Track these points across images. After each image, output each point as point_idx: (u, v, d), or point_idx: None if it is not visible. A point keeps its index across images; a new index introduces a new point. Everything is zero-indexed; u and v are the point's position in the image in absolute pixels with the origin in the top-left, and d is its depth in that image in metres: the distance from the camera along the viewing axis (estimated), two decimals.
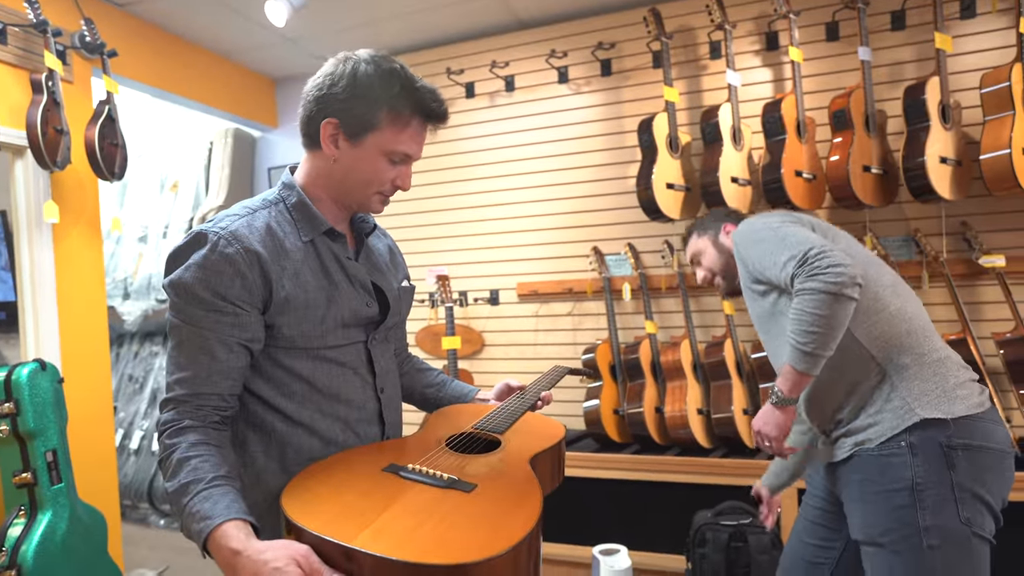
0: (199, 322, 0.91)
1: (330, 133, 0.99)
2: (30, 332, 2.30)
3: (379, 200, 1.04)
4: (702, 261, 1.69)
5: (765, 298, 1.43)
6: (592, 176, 2.95)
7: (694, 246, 1.72)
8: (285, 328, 0.97)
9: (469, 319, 3.20)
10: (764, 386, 2.50)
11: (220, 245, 0.92)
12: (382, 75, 0.97)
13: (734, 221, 1.67)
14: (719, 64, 2.72)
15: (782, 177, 2.36)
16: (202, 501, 0.82)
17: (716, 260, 1.64)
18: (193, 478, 0.85)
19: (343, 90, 0.97)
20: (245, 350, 0.94)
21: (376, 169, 1.00)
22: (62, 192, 2.38)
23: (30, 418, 1.96)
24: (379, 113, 0.96)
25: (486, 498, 0.85)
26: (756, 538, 2.06)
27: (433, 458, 0.95)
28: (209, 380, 0.91)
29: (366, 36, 3.03)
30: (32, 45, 2.26)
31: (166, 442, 0.89)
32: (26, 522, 1.96)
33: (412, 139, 1.00)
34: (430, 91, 1.00)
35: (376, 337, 1.10)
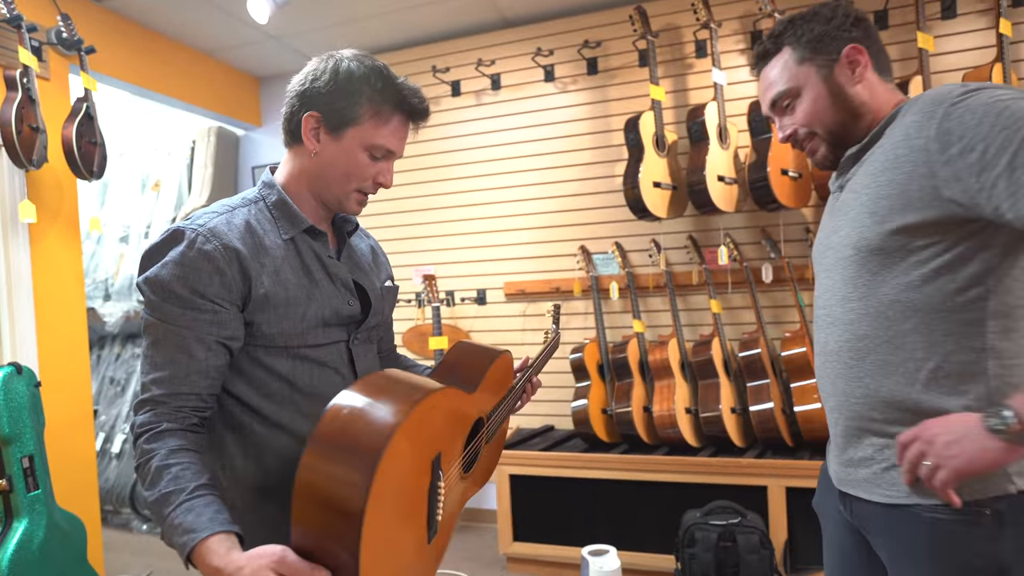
0: (176, 320, 0.89)
1: (312, 127, 0.98)
2: (6, 335, 2.25)
3: (357, 200, 1.03)
4: (796, 107, 1.03)
5: (936, 271, 0.88)
6: (579, 175, 2.94)
7: (784, 75, 1.03)
8: (264, 326, 0.95)
9: (456, 319, 3.18)
10: (751, 384, 2.50)
11: (198, 242, 0.90)
12: (364, 71, 0.97)
13: (863, 38, 1.01)
14: (705, 63, 2.73)
15: (768, 176, 2.36)
16: (185, 513, 0.81)
17: (828, 108, 1.00)
18: (174, 488, 0.83)
19: (325, 84, 0.97)
20: (224, 348, 0.92)
21: (356, 163, 0.99)
22: (39, 191, 2.32)
23: (5, 423, 1.91)
24: (360, 107, 0.96)
25: (432, 556, 0.91)
26: (745, 538, 2.06)
27: (451, 474, 0.97)
28: (187, 380, 0.88)
29: (350, 33, 3.00)
30: (6, 41, 2.21)
31: (144, 447, 0.87)
32: (1, 530, 1.91)
33: (393, 135, 1.00)
34: (412, 88, 1.01)
35: (358, 337, 1.08)
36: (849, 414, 0.98)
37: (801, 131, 1.05)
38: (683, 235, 2.77)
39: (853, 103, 1.01)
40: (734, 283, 2.71)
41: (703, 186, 2.43)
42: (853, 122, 1.01)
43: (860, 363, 0.95)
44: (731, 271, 2.69)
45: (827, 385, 1.03)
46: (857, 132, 1.01)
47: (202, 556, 0.78)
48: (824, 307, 1.02)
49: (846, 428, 0.99)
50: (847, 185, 1.01)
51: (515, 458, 2.61)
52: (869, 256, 0.93)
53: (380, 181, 1.02)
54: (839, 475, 1.03)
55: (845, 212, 0.98)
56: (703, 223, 2.77)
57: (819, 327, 1.04)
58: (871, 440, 0.96)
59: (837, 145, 1.03)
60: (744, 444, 2.49)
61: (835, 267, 1.00)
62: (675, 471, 2.41)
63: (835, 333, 0.99)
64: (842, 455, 1.01)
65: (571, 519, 2.56)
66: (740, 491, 2.32)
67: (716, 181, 2.45)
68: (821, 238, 1.07)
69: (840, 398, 0.99)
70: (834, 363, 0.99)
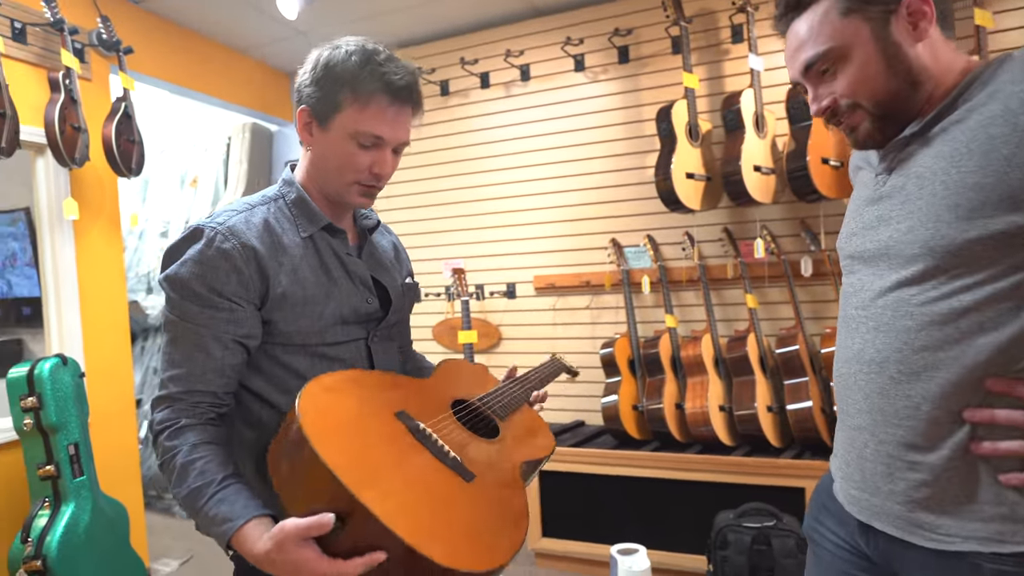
0: (194, 318, 0.90)
1: (304, 121, 0.98)
2: (53, 327, 2.35)
3: (359, 192, 0.99)
4: (839, 72, 0.84)
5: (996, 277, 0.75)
6: (610, 166, 2.88)
7: (825, 31, 0.83)
8: (282, 324, 0.95)
9: (486, 313, 3.17)
10: (789, 382, 2.42)
11: (217, 240, 0.90)
12: (344, 56, 0.95)
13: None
14: (741, 48, 2.63)
15: (808, 164, 2.26)
16: (217, 504, 0.82)
17: (881, 75, 0.82)
18: (203, 482, 0.84)
19: (310, 77, 0.96)
20: (241, 347, 0.92)
21: (345, 153, 0.96)
22: (82, 189, 2.41)
23: (52, 412, 2.00)
24: (341, 93, 0.94)
25: (484, 497, 0.85)
26: (780, 541, 1.99)
27: (441, 425, 0.94)
28: (203, 378, 0.89)
29: (378, 27, 3.00)
30: (51, 44, 2.29)
31: (165, 444, 0.88)
32: (50, 514, 2.00)
33: (376, 118, 0.94)
34: (394, 66, 0.95)
35: (378, 335, 1.07)
36: (885, 437, 0.83)
37: (843, 103, 0.85)
38: (718, 227, 2.69)
39: (912, 68, 0.81)
40: (771, 277, 2.61)
41: (738, 176, 2.34)
42: (910, 92, 0.82)
43: (912, 380, 0.80)
44: (768, 264, 2.60)
45: (857, 399, 0.87)
46: (912, 105, 0.83)
47: (241, 542, 0.80)
48: (862, 307, 0.87)
49: (878, 452, 0.84)
50: (903, 168, 0.83)
51: None
52: (946, 257, 0.76)
53: (377, 171, 0.98)
54: (862, 503, 0.88)
55: (903, 201, 0.82)
56: (739, 215, 2.68)
57: (850, 330, 0.89)
58: (914, 473, 0.80)
59: (885, 120, 0.84)
60: (781, 444, 2.41)
61: (886, 263, 0.84)
62: (708, 470, 2.35)
63: (880, 341, 0.83)
64: (868, 482, 0.86)
65: (601, 516, 2.53)
66: (776, 492, 2.25)
67: (752, 171, 2.36)
68: (856, 227, 0.91)
69: (875, 416, 0.84)
70: (873, 375, 0.84)
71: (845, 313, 0.92)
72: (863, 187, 0.92)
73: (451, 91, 3.16)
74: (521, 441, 1.04)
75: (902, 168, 0.84)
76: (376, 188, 1.00)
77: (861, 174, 0.95)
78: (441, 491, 0.80)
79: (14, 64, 2.18)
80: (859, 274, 0.89)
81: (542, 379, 1.28)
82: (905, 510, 0.81)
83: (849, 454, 0.90)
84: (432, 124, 3.21)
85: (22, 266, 2.81)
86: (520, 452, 1.01)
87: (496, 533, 0.78)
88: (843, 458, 0.92)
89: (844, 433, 0.91)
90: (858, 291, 0.89)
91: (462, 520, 0.78)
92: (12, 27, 2.19)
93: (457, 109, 3.15)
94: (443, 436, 0.91)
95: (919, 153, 0.82)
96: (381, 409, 0.88)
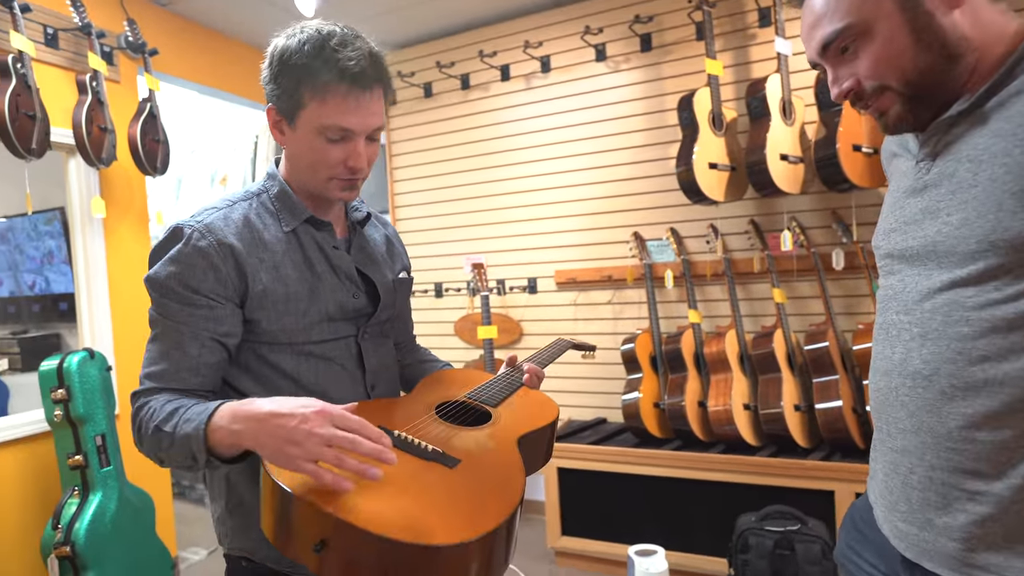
0: (174, 316, 0.90)
1: (274, 120, 0.96)
2: (85, 322, 2.43)
3: (338, 186, 0.96)
4: (861, 50, 0.75)
5: None
6: (632, 158, 2.81)
7: (843, 5, 0.75)
8: (265, 323, 0.94)
9: (507, 308, 3.14)
10: (818, 380, 2.31)
11: (194, 238, 0.90)
12: (298, 47, 0.90)
13: None
14: (769, 32, 2.52)
15: (838, 152, 2.15)
16: (187, 415, 0.82)
17: (910, 50, 0.73)
18: (172, 408, 0.84)
19: (268, 73, 0.93)
20: (219, 345, 0.92)
21: (314, 149, 0.93)
22: (111, 188, 2.48)
23: (80, 404, 2.06)
24: (301, 88, 0.90)
25: (468, 476, 0.82)
26: (805, 547, 1.91)
27: (420, 426, 0.92)
28: (177, 375, 0.89)
29: (395, 22, 3.00)
30: (81, 48, 2.36)
31: (139, 416, 0.87)
32: (79, 502, 2.07)
33: (337, 109, 0.89)
34: (349, 50, 0.89)
35: (368, 332, 1.05)
36: (936, 462, 0.72)
37: (868, 85, 0.75)
38: (744, 219, 2.59)
39: (948, 39, 0.71)
40: (800, 270, 2.51)
41: (763, 166, 2.25)
42: (946, 67, 0.72)
43: (969, 396, 0.69)
44: (797, 257, 2.49)
45: (899, 417, 0.76)
46: (950, 81, 0.73)
47: (215, 422, 0.79)
48: (905, 312, 0.76)
49: (927, 480, 0.74)
50: (951, 152, 0.73)
51: (564, 451, 2.55)
52: (1011, 254, 0.66)
53: (351, 165, 0.93)
54: (910, 539, 0.77)
55: (953, 190, 0.72)
56: (766, 206, 2.58)
57: (890, 338, 0.78)
58: (975, 505, 0.70)
59: (918, 101, 0.74)
60: (809, 445, 2.31)
61: (935, 262, 0.73)
62: (731, 471, 2.27)
63: (928, 350, 0.73)
64: (917, 513, 0.75)
65: (620, 516, 2.48)
66: (803, 495, 2.16)
67: (778, 160, 2.26)
68: (895, 222, 0.81)
69: (923, 437, 0.73)
70: (920, 390, 0.74)
71: (884, 319, 0.81)
72: (901, 177, 0.82)
73: (471, 84, 3.13)
74: (517, 419, 1.02)
75: (949, 152, 0.73)
76: (356, 180, 0.97)
77: (897, 162, 0.85)
78: (420, 482, 0.78)
79: (46, 68, 2.26)
80: (901, 275, 0.79)
81: (542, 361, 1.25)
82: (962, 548, 0.71)
83: (891, 480, 0.79)
84: (452, 119, 3.19)
85: (58, 263, 2.92)
86: (516, 428, 0.98)
87: (479, 507, 0.76)
88: (884, 484, 0.81)
89: (885, 456, 0.80)
90: (899, 293, 0.78)
91: (443, 504, 0.76)
92: (45, 33, 2.26)
93: (477, 103, 3.13)
94: (421, 435, 0.89)
95: (971, 133, 0.71)
96: None
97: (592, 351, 1.49)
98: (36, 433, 2.20)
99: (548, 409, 1.08)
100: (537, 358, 1.24)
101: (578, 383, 2.97)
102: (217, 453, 0.80)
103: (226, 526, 0.97)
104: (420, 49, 3.24)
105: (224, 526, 0.98)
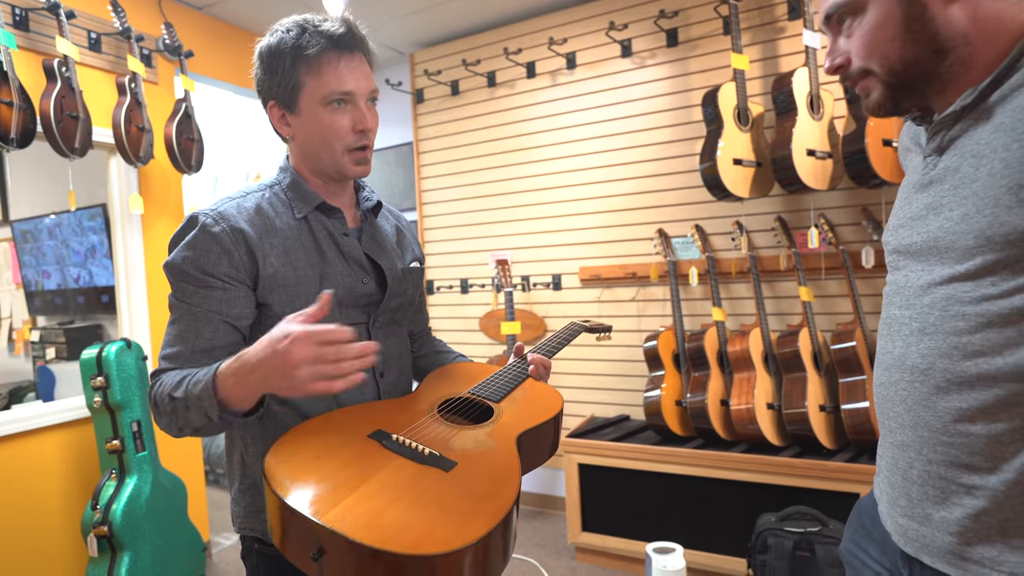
0: (190, 298, 0.94)
1: (277, 116, 1.00)
2: (124, 313, 2.54)
3: (352, 159, 1.00)
4: (855, 28, 0.76)
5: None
6: (658, 154, 2.79)
7: None
8: (276, 306, 0.98)
9: (532, 304, 3.16)
10: (844, 380, 2.26)
11: (208, 225, 0.95)
12: (284, 34, 0.96)
13: None
14: (798, 25, 2.47)
15: (866, 147, 2.10)
16: (195, 378, 0.86)
17: (897, 38, 0.73)
18: (180, 377, 0.89)
19: (261, 69, 0.98)
20: (232, 328, 0.96)
21: (324, 123, 0.97)
22: (148, 185, 2.59)
23: (117, 391, 2.16)
24: (296, 71, 0.96)
25: (462, 480, 0.83)
26: (825, 549, 1.87)
27: (420, 427, 0.94)
28: (192, 357, 0.93)
29: (422, 21, 3.04)
30: (122, 51, 2.46)
31: (154, 393, 0.92)
32: (116, 484, 2.17)
33: (332, 75, 0.95)
34: (330, 23, 0.96)
35: (379, 320, 1.08)
36: (934, 456, 0.73)
37: (856, 64, 0.76)
38: (770, 216, 2.55)
39: (939, 34, 0.71)
40: (828, 268, 2.45)
41: (789, 161, 2.21)
42: (933, 61, 0.72)
43: (963, 390, 0.70)
44: (825, 255, 2.44)
45: (898, 411, 0.77)
46: (935, 76, 0.73)
47: (224, 372, 0.83)
48: (906, 307, 0.77)
49: (925, 474, 0.74)
50: (956, 147, 0.73)
51: (584, 447, 2.56)
52: (1008, 249, 0.66)
53: (361, 128, 0.98)
54: (909, 533, 0.77)
55: (956, 185, 0.72)
56: (793, 203, 2.53)
57: (892, 332, 0.79)
58: (971, 499, 0.70)
59: (898, 91, 0.75)
60: (834, 446, 2.26)
61: (936, 258, 0.73)
62: (753, 470, 2.24)
63: (924, 344, 0.73)
64: (916, 508, 0.76)
65: (640, 513, 2.47)
66: (827, 497, 2.12)
67: (804, 155, 2.22)
68: (903, 218, 0.80)
69: (920, 432, 0.74)
70: (916, 384, 0.74)
71: (887, 314, 0.81)
72: (912, 171, 0.82)
73: (497, 82, 3.15)
74: (519, 414, 1.02)
75: (955, 147, 0.73)
76: (367, 151, 1.01)
77: (910, 157, 0.85)
78: (415, 488, 0.79)
79: (89, 71, 2.37)
80: (905, 270, 0.79)
81: (551, 349, 1.25)
82: (958, 542, 0.71)
83: (893, 475, 0.79)
84: (478, 116, 3.22)
85: (101, 257, 3.06)
86: (518, 424, 0.99)
87: (472, 512, 0.76)
88: (887, 479, 0.81)
89: (886, 450, 0.81)
90: (902, 289, 0.78)
91: (435, 511, 0.76)
92: (88, 37, 2.37)
93: (503, 100, 3.15)
94: (419, 437, 0.90)
95: (975, 128, 0.71)
96: (352, 437, 0.89)
97: (608, 332, 1.46)
98: (79, 418, 2.32)
99: (550, 403, 1.08)
100: (545, 347, 1.24)
101: (601, 380, 2.96)
102: (231, 408, 0.85)
103: (240, 506, 1.02)
104: (446, 48, 3.28)
105: (238, 506, 1.02)
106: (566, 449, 2.59)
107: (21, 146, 1.99)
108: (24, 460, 2.19)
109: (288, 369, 0.77)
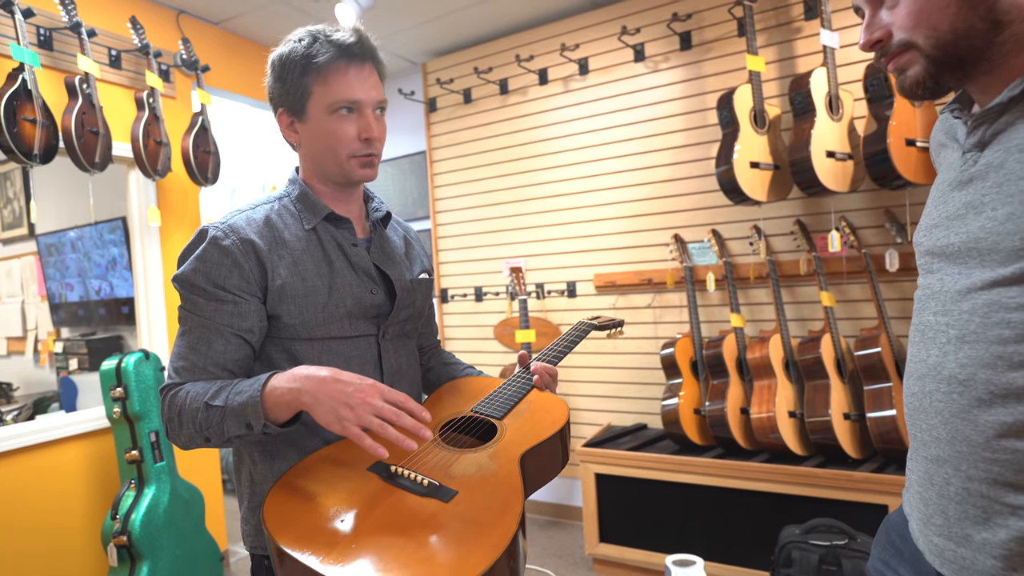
0: (201, 311, 0.94)
1: (286, 123, 1.02)
2: (143, 324, 2.57)
3: (358, 164, 1.00)
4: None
5: None
6: (673, 159, 2.76)
7: None
8: (286, 317, 0.97)
9: (547, 311, 3.13)
10: (870, 387, 2.20)
11: (218, 238, 0.95)
12: (296, 44, 0.98)
13: None
14: (814, 25, 2.43)
15: (888, 148, 2.05)
16: (238, 388, 0.87)
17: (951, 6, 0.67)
18: (220, 385, 0.89)
19: (273, 77, 1.00)
20: (242, 341, 0.95)
21: (329, 131, 0.98)
22: (166, 198, 2.62)
23: (135, 402, 2.18)
24: (305, 79, 0.97)
25: (464, 510, 0.81)
26: (853, 563, 1.81)
27: (420, 455, 0.92)
28: (205, 369, 0.93)
29: (434, 31, 3.05)
30: (141, 67, 2.51)
31: (175, 402, 0.91)
32: (135, 494, 2.19)
33: (341, 83, 0.96)
34: (341, 33, 0.98)
35: (388, 332, 1.07)
36: (974, 473, 0.67)
37: (897, 37, 0.70)
38: (789, 220, 2.50)
39: (999, 4, 0.64)
40: (850, 273, 2.39)
41: (808, 163, 2.16)
42: (988, 34, 0.65)
43: (1008, 403, 0.64)
44: (847, 259, 2.38)
45: (933, 424, 0.72)
46: (987, 52, 0.66)
47: (273, 385, 0.85)
48: (942, 312, 0.72)
49: (964, 492, 0.69)
50: (1001, 141, 0.67)
51: (601, 457, 2.52)
52: None
53: (366, 136, 0.99)
54: (946, 555, 0.72)
55: (1001, 182, 0.66)
56: (813, 206, 2.48)
57: (926, 340, 0.74)
58: (1018, 520, 0.65)
59: (943, 67, 0.68)
60: (860, 455, 2.19)
61: (976, 260, 0.69)
62: (774, 480, 2.18)
63: (964, 353, 0.68)
64: (954, 528, 0.71)
65: (659, 524, 2.42)
66: (852, 508, 2.05)
67: (824, 157, 2.17)
68: (937, 217, 0.75)
69: (959, 447, 0.69)
70: (954, 395, 0.69)
71: (920, 320, 0.76)
72: (948, 169, 0.77)
73: (510, 89, 3.15)
74: (522, 431, 1.00)
75: (998, 141, 0.67)
76: (373, 157, 1.01)
77: (945, 153, 0.80)
78: (413, 525, 0.78)
79: (109, 87, 2.41)
80: (940, 273, 0.74)
81: (557, 355, 1.21)
82: (1003, 567, 0.65)
83: (927, 491, 0.74)
84: (491, 123, 3.22)
85: (121, 269, 3.11)
86: (521, 443, 0.97)
87: (473, 546, 0.75)
88: (919, 496, 0.76)
89: (919, 464, 0.75)
90: (937, 293, 0.73)
91: (433, 549, 0.75)
92: (109, 55, 2.42)
93: (516, 107, 3.14)
94: (419, 467, 0.89)
95: (1023, 121, 0.65)
96: (351, 472, 0.88)
97: (620, 327, 1.42)
98: (99, 428, 2.35)
99: (555, 415, 1.05)
100: (550, 354, 1.21)
101: (618, 388, 2.92)
102: (272, 418, 0.86)
103: (249, 524, 1.01)
104: (458, 56, 3.29)
105: (248, 524, 1.01)
106: (582, 458, 2.56)
107: (44, 162, 2.03)
108: (47, 469, 2.22)
109: (349, 401, 0.82)
